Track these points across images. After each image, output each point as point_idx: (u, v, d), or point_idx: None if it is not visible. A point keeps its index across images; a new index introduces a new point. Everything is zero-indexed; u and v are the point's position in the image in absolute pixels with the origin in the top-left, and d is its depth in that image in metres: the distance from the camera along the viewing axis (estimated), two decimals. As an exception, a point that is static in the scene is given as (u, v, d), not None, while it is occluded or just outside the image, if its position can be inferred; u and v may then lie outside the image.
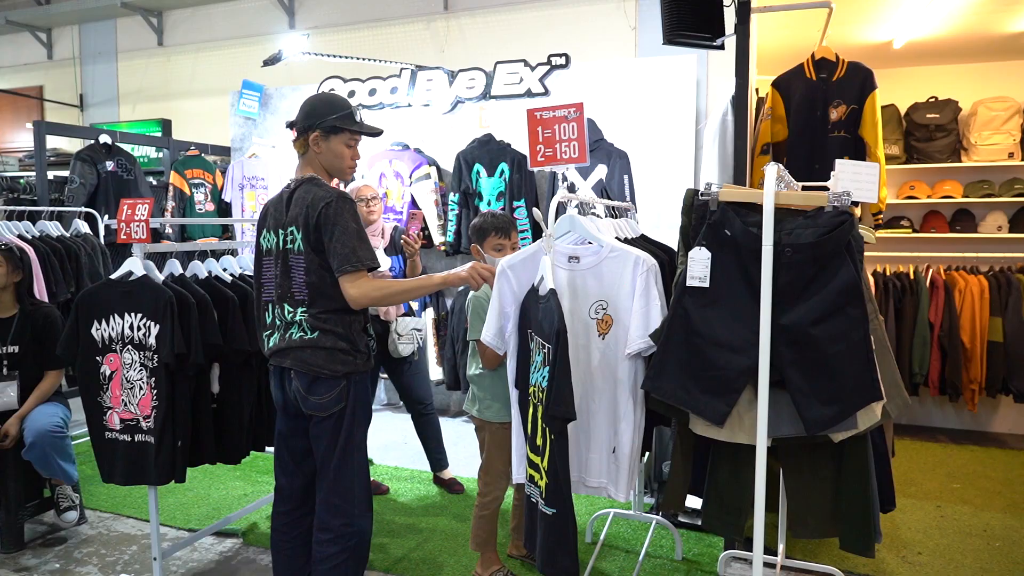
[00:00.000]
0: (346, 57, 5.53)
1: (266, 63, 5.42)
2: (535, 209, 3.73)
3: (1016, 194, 4.75)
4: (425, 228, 5.00)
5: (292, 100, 5.63)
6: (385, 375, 3.80)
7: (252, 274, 3.04)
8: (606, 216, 2.71)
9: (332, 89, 5.31)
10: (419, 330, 3.53)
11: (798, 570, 2.89)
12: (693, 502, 2.79)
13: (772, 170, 1.97)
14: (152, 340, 2.60)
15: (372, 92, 5.30)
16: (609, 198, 4.33)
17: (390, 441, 4.59)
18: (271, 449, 2.60)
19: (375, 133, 2.38)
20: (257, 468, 4.09)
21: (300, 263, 2.21)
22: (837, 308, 1.93)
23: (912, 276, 4.53)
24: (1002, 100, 4.75)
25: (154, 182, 6.26)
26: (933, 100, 4.92)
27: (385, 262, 3.46)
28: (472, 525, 2.81)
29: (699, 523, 2.79)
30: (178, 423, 2.65)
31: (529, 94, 4.86)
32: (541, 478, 2.10)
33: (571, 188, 4.44)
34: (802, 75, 3.46)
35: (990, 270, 4.55)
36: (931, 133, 4.89)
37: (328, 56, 5.52)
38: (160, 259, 2.83)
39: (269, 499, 2.83)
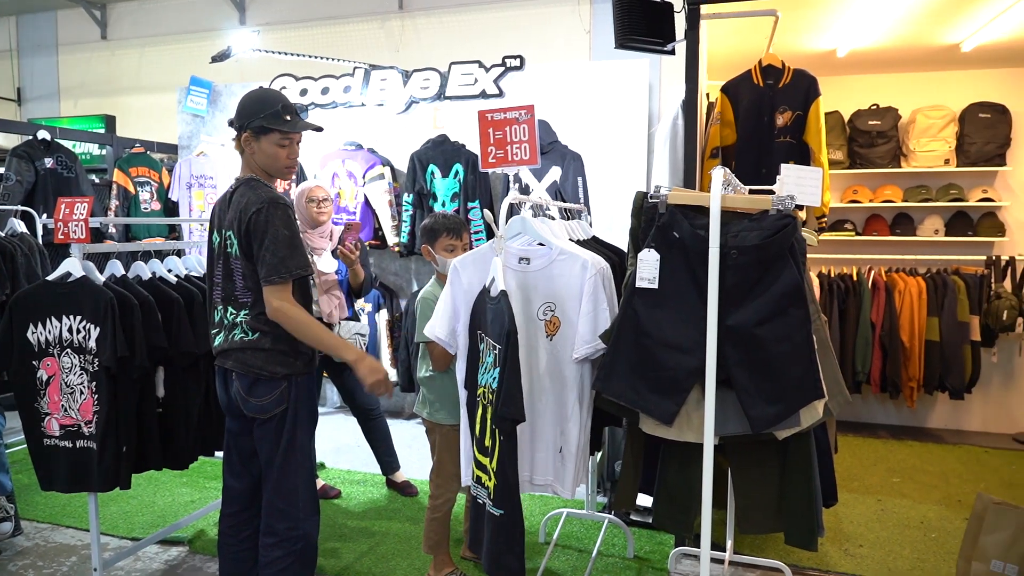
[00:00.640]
0: (298, 55, 5.44)
1: (215, 59, 5.31)
2: (486, 211, 3.73)
3: (951, 199, 4.94)
4: (379, 229, 4.96)
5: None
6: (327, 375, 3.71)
7: (198, 275, 3.00)
8: (559, 218, 2.73)
9: (283, 88, 5.22)
10: (363, 335, 3.49)
11: (745, 565, 2.96)
12: (644, 500, 2.82)
13: (718, 174, 2.01)
14: (92, 343, 2.51)
15: (325, 91, 5.23)
16: (563, 200, 4.36)
17: (342, 444, 4.53)
18: (220, 454, 2.55)
19: (313, 128, 2.29)
20: (205, 474, 3.99)
21: (239, 267, 2.18)
22: (781, 310, 1.98)
23: (855, 278, 4.68)
24: (939, 108, 4.94)
25: (96, 180, 6.05)
26: (875, 107, 5.09)
27: (332, 264, 3.41)
28: (424, 528, 2.80)
29: (650, 521, 2.83)
30: (122, 428, 2.58)
31: (484, 95, 4.86)
32: (489, 479, 2.10)
33: (524, 190, 4.47)
34: (750, 81, 3.54)
35: (927, 272, 4.73)
36: (873, 139, 5.06)
37: (279, 53, 5.42)
38: (101, 260, 2.74)
39: (217, 505, 2.77)
